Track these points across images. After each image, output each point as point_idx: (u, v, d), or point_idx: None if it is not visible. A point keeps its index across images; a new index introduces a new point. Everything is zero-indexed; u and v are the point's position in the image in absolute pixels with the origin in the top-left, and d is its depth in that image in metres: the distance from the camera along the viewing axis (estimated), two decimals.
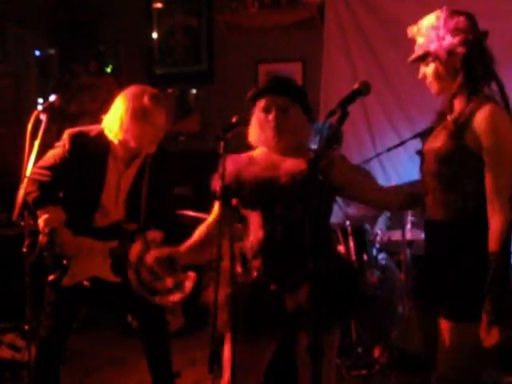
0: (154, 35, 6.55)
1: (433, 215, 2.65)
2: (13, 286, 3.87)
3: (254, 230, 2.77)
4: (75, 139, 3.44)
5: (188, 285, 3.30)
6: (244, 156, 2.89)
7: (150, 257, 2.94)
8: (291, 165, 2.76)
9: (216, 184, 2.70)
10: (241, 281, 2.70)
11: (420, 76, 2.69)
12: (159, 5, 6.53)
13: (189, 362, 4.57)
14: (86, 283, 3.41)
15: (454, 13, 2.59)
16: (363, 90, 2.41)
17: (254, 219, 2.78)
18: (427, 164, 2.67)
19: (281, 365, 3.20)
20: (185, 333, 5.30)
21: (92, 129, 3.51)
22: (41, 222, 3.36)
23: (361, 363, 4.27)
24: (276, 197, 2.73)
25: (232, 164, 2.77)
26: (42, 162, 3.45)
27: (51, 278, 3.37)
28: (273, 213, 2.73)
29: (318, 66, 5.84)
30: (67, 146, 3.43)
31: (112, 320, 4.03)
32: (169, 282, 3.36)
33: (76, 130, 3.51)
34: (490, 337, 2.44)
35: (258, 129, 2.83)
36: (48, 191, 3.43)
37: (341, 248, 4.30)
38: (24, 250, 3.32)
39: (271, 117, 2.78)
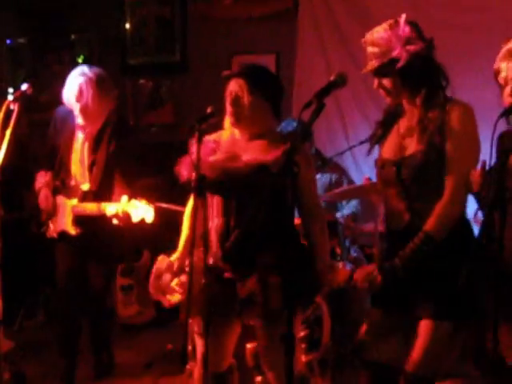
0: (127, 25, 6.49)
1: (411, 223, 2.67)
2: None
3: (213, 218, 2.88)
4: (57, 114, 4.09)
5: None
6: (211, 141, 2.96)
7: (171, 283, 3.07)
8: (252, 156, 2.86)
9: (184, 171, 2.89)
10: (200, 266, 2.78)
11: (376, 86, 2.75)
12: None
13: (160, 354, 4.56)
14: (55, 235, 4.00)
15: (407, 22, 2.62)
16: (339, 82, 2.41)
17: (214, 206, 2.90)
18: (394, 172, 2.68)
19: None
20: (157, 324, 5.29)
21: None
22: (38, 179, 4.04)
23: (331, 357, 4.28)
24: (234, 188, 2.85)
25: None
26: None
27: (42, 229, 4.04)
28: (230, 203, 2.86)
29: (292, 59, 5.83)
30: (52, 121, 4.10)
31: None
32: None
33: (61, 107, 4.07)
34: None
35: (226, 110, 2.94)
36: (47, 157, 4.12)
37: None
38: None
39: (228, 102, 2.91)
